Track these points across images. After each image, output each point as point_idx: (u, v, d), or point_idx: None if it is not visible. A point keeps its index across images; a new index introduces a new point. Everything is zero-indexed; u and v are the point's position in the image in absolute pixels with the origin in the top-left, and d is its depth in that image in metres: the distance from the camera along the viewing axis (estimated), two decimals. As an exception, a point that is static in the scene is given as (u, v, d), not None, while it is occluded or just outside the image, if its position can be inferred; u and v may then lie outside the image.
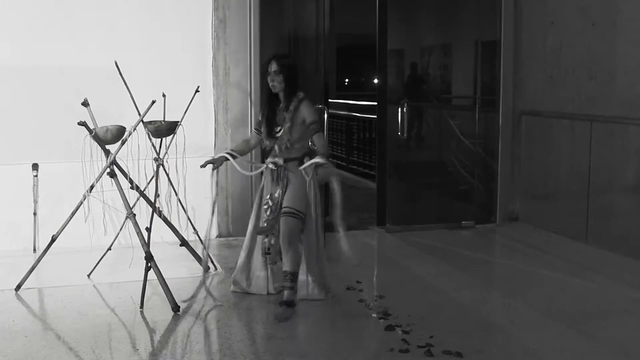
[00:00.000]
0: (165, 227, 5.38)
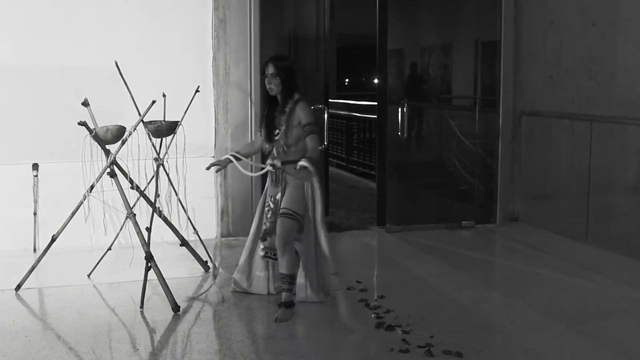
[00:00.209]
0: (165, 227, 5.38)
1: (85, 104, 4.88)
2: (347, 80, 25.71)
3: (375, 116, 7.43)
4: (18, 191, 5.99)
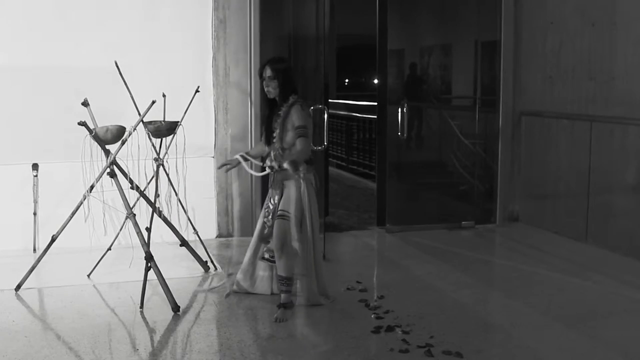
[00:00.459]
0: (165, 227, 5.38)
1: (85, 104, 4.88)
2: (347, 80, 25.70)
3: (375, 116, 7.43)
4: (18, 191, 5.99)
